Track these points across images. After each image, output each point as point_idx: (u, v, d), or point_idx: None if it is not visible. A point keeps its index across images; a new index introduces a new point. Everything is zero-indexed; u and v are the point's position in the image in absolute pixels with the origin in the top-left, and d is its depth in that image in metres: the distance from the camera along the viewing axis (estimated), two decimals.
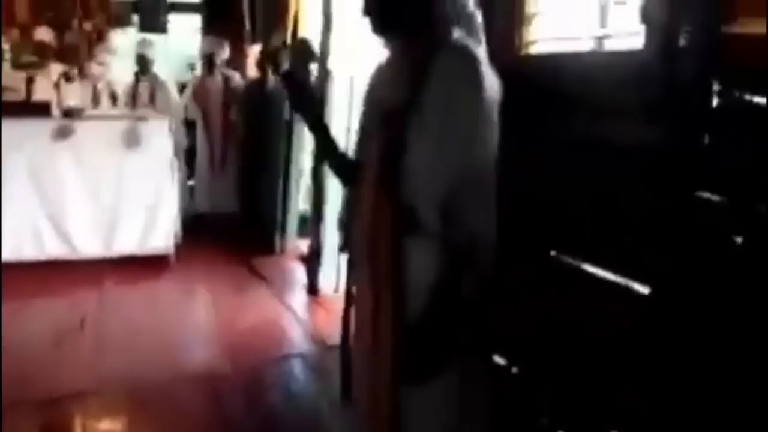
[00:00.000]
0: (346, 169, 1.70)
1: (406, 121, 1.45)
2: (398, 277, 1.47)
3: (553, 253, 1.92)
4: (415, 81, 1.46)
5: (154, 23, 6.48)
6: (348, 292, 1.70)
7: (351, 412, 1.71)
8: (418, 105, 1.44)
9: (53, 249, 4.45)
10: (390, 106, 1.51)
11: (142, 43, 5.63)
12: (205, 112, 5.61)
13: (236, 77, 5.73)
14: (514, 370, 2.20)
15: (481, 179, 1.44)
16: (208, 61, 5.60)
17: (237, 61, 5.99)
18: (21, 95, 5.09)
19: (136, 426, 2.80)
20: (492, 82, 1.45)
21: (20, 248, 4.34)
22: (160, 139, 4.60)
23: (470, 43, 1.49)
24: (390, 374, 1.48)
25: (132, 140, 4.46)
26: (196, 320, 3.96)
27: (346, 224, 1.77)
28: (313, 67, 3.95)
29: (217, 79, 5.62)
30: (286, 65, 3.97)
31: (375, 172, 1.53)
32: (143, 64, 5.46)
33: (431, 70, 1.44)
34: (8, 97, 5.02)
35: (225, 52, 5.64)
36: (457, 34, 1.49)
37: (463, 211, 1.42)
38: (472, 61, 1.44)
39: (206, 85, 5.63)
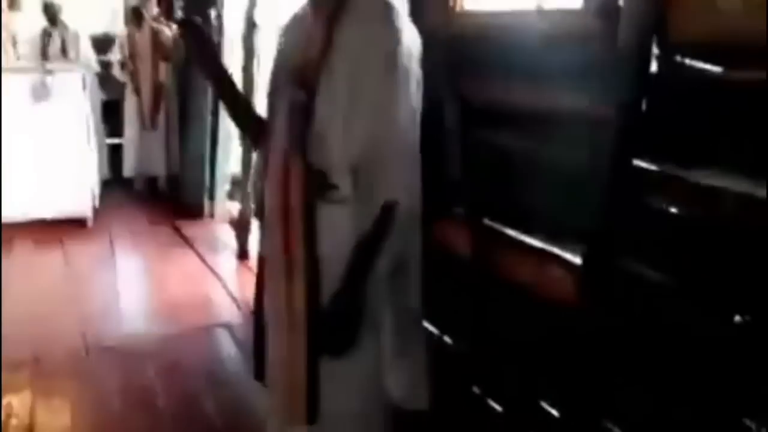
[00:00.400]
0: (254, 128, 1.57)
1: (315, 77, 1.34)
2: (311, 245, 1.38)
3: (485, 220, 1.85)
4: (326, 33, 1.34)
5: None
6: (261, 261, 1.58)
7: (267, 386, 1.61)
8: (327, 60, 1.32)
9: None
10: (299, 61, 1.39)
11: None
12: (133, 66, 5.24)
13: (166, 31, 5.35)
14: (447, 339, 2.16)
15: (396, 141, 1.33)
16: (136, 14, 5.21)
17: (161, 8, 5.59)
18: None
19: (43, 399, 2.61)
20: (411, 35, 1.33)
21: None
22: (73, 93, 4.25)
23: None
24: (304, 346, 1.40)
25: (41, 93, 4.10)
26: (114, 287, 3.71)
27: (258, 188, 1.63)
28: (213, 14, 3.74)
29: (146, 33, 5.24)
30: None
31: (284, 133, 1.41)
32: (51, 13, 5.01)
33: (342, 21, 1.32)
34: None
35: (154, 5, 5.26)
36: None
37: (376, 176, 1.32)
38: (387, 10, 1.31)
39: (134, 40, 5.24)
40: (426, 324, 1.89)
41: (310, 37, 1.38)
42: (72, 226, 4.41)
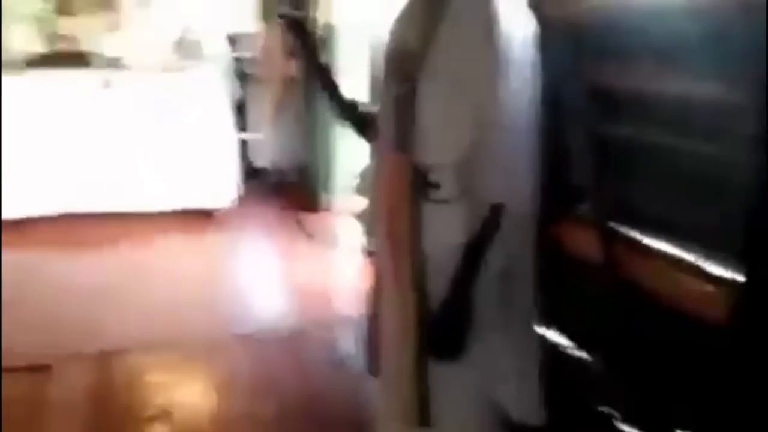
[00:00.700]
0: (361, 123, 1.54)
1: (417, 70, 1.28)
2: (416, 245, 1.33)
3: (614, 224, 1.67)
4: (429, 23, 1.28)
5: None
6: (374, 257, 1.57)
7: (379, 385, 1.59)
8: (429, 51, 1.26)
9: (110, 199, 4.47)
10: (404, 55, 1.35)
11: None
12: (264, 63, 5.45)
13: None
14: (569, 350, 2.01)
15: (503, 137, 1.24)
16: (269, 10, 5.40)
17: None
18: (74, 44, 5.09)
19: (182, 382, 2.79)
20: (521, 22, 1.24)
21: (79, 199, 4.39)
22: (209, 92, 4.51)
23: None
24: (414, 348, 1.36)
25: (176, 93, 4.39)
26: (243, 278, 3.91)
27: (363, 190, 1.61)
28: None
29: (277, 29, 5.42)
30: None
31: (390, 128, 1.37)
32: (191, 12, 5.32)
33: (444, 12, 1.25)
34: (63, 46, 5.05)
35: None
36: None
37: (481, 175, 1.25)
38: (488, 3, 1.21)
39: (265, 35, 5.45)
40: (545, 332, 1.77)
41: (414, 28, 1.32)
42: (209, 217, 4.66)
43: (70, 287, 3.59)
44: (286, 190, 5.42)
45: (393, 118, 1.36)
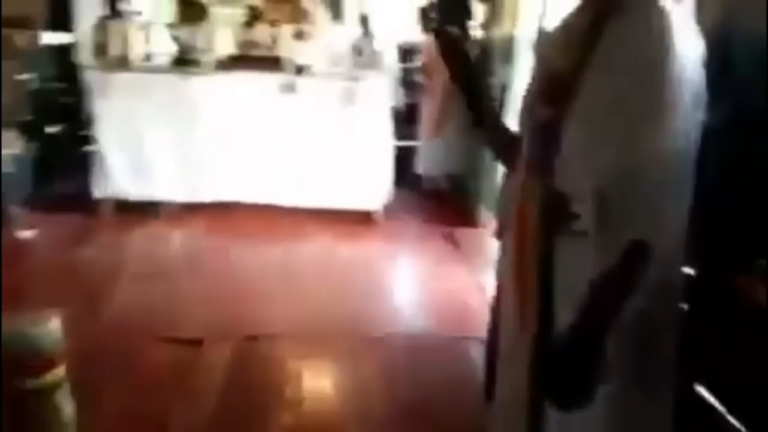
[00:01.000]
0: (505, 146, 1.48)
1: (566, 92, 1.19)
2: (545, 277, 1.25)
3: None
4: (583, 47, 1.19)
5: None
6: (498, 282, 1.50)
7: (493, 413, 1.53)
8: (581, 75, 1.16)
9: (275, 193, 4.82)
10: (551, 75, 1.27)
11: (363, 4, 5.75)
12: (429, 72, 5.55)
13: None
14: (722, 408, 1.77)
15: (655, 168, 1.10)
16: (426, 18, 5.48)
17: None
18: (268, 50, 5.58)
19: (315, 373, 2.92)
20: (689, 49, 1.10)
21: (247, 190, 4.78)
22: (375, 99, 4.67)
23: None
24: (528, 386, 1.28)
25: (347, 98, 4.60)
26: (388, 282, 3.99)
27: (501, 208, 1.54)
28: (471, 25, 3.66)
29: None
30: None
31: (531, 151, 1.31)
32: (365, 24, 5.57)
33: (603, 32, 1.16)
34: (257, 51, 5.55)
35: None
36: None
37: (625, 208, 1.12)
38: (658, 20, 1.10)
39: (430, 45, 5.55)
40: (690, 390, 1.59)
41: (566, 47, 1.24)
42: (362, 219, 4.83)
43: (232, 271, 3.91)
44: (440, 200, 5.44)
45: (536, 142, 1.30)
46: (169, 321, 3.21)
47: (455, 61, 1.46)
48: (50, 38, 6.11)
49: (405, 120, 5.80)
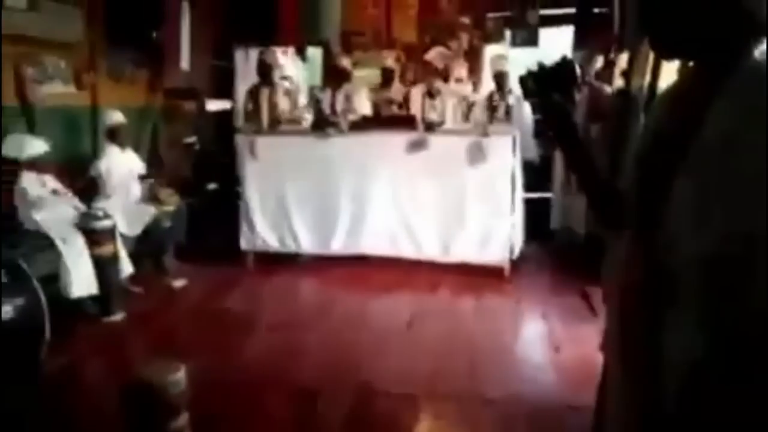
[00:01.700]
0: (611, 212, 1.39)
1: (674, 158, 1.11)
2: (648, 360, 1.14)
3: None
4: (693, 113, 1.11)
5: (525, 37, 6.55)
6: (605, 349, 1.40)
7: None
8: (691, 141, 1.09)
9: (403, 247, 4.91)
10: (660, 140, 1.20)
11: (496, 59, 5.74)
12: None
13: (606, 89, 5.35)
14: None
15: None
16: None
17: (605, 71, 5.62)
18: (401, 109, 5.77)
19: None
20: None
21: (377, 244, 4.92)
22: (503, 154, 4.63)
23: None
24: None
25: (475, 156, 4.61)
26: (512, 341, 3.84)
27: (604, 274, 1.44)
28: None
29: (584, 92, 5.36)
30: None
31: (633, 216, 1.22)
32: (499, 79, 5.57)
33: (715, 99, 1.08)
34: (391, 111, 5.77)
35: (596, 64, 5.35)
36: (761, 47, 1.08)
37: (739, 284, 1.00)
38: None
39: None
40: None
41: (679, 109, 1.18)
42: (490, 274, 4.75)
43: (358, 325, 4.00)
44: (576, 256, 5.18)
45: (641, 208, 1.22)
46: (291, 371, 3.34)
47: (560, 132, 1.42)
48: (213, 105, 6.85)
49: (540, 173, 5.66)
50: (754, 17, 1.08)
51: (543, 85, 1.43)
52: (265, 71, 5.64)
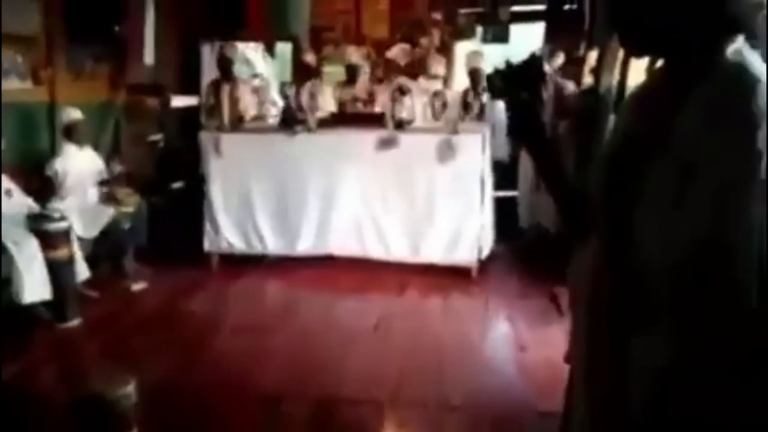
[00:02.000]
0: (578, 219, 1.35)
1: (643, 161, 1.07)
2: (615, 366, 1.12)
3: None
4: (663, 114, 1.06)
5: (496, 34, 6.50)
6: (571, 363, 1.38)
7: None
8: (662, 145, 1.05)
9: (372, 248, 4.83)
10: (629, 141, 1.16)
11: (472, 56, 5.68)
12: None
13: (569, 86, 5.33)
14: None
15: (740, 246, 0.96)
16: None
17: (574, 68, 5.59)
18: (369, 107, 5.68)
19: None
20: None
21: (344, 244, 4.83)
22: (472, 152, 4.57)
23: (753, 55, 1.04)
24: None
25: (445, 154, 4.54)
26: (478, 344, 3.78)
27: (570, 279, 1.40)
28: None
29: (549, 88, 5.32)
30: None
31: (600, 221, 1.19)
32: (475, 76, 5.50)
33: (685, 100, 1.04)
34: (354, 108, 5.68)
35: (557, 60, 5.30)
36: (734, 45, 1.04)
37: (707, 292, 0.98)
38: (748, 89, 0.98)
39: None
40: None
41: (650, 110, 1.13)
42: (458, 274, 4.69)
43: (322, 328, 3.92)
44: (545, 255, 5.15)
45: (608, 212, 1.16)
46: (253, 377, 3.24)
47: (527, 133, 1.39)
48: (179, 101, 6.68)
49: (509, 171, 5.62)
50: (727, 13, 1.04)
51: (511, 83, 1.39)
52: (225, 65, 5.53)
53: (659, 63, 1.18)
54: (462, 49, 6.69)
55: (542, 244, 5.30)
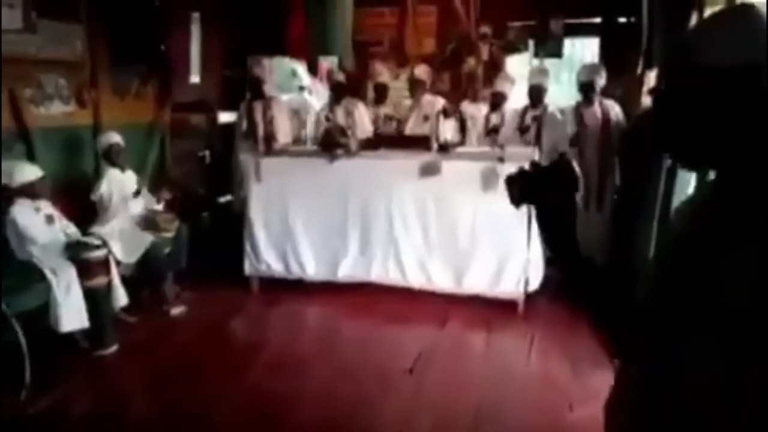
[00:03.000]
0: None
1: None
2: None
3: None
4: (726, 234, 0.95)
5: (549, 48, 6.21)
6: None
7: None
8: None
9: (412, 276, 4.67)
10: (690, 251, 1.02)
11: (536, 73, 5.41)
12: (581, 145, 5.05)
13: (615, 108, 5.00)
14: None
15: None
16: (586, 89, 5.00)
17: (631, 88, 5.26)
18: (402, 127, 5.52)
19: None
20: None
21: (385, 272, 4.69)
22: None
23: None
24: None
25: (490, 182, 4.33)
26: (521, 392, 3.55)
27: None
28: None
29: (595, 109, 5.00)
30: None
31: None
32: (536, 94, 5.24)
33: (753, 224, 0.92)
34: (388, 127, 5.52)
35: (601, 79, 4.96)
36: None
37: None
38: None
39: (583, 116, 5.06)
40: None
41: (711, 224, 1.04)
42: (503, 308, 4.47)
43: (356, 363, 3.78)
44: (596, 288, 4.87)
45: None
46: (284, 420, 3.15)
47: (557, 245, 1.22)
48: (226, 117, 6.68)
49: None
50: None
51: (537, 188, 1.23)
52: (256, 84, 5.46)
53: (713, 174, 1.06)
54: (513, 64, 6.45)
55: (593, 274, 5.03)
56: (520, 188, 1.24)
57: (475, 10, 6.29)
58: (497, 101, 5.56)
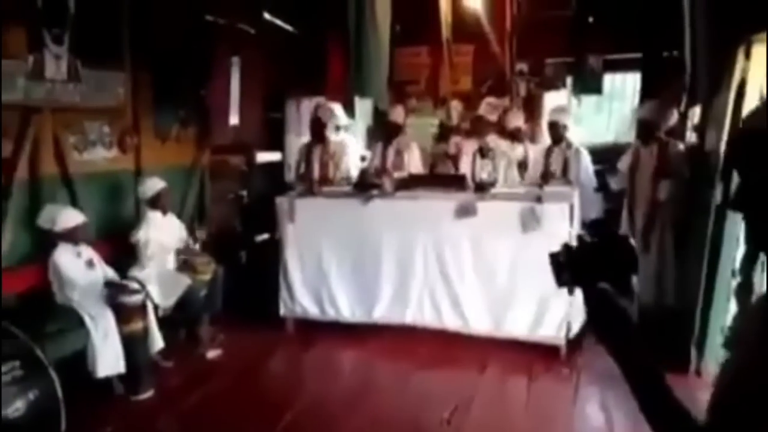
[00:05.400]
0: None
1: None
2: None
3: None
4: None
5: (587, 84, 6.11)
6: None
7: None
8: None
9: (449, 320, 4.56)
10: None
11: (556, 110, 5.33)
12: (633, 185, 4.89)
13: (678, 147, 4.79)
14: None
15: None
16: (645, 128, 4.81)
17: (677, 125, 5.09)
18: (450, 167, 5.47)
19: None
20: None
21: (421, 315, 4.59)
22: (559, 222, 4.20)
23: None
24: None
25: (529, 223, 4.22)
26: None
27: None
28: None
29: (653, 148, 4.80)
30: None
31: None
32: (554, 132, 5.15)
33: None
34: (444, 166, 5.48)
35: (670, 119, 4.77)
36: None
37: None
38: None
39: (640, 155, 4.89)
40: None
41: None
42: (545, 352, 4.32)
43: (391, 412, 3.68)
44: (646, 333, 4.65)
45: None
46: None
47: (609, 336, 1.10)
48: (264, 157, 6.77)
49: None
50: None
51: (584, 268, 1.09)
52: (318, 129, 5.47)
53: None
54: (551, 100, 6.38)
55: (645, 324, 4.81)
56: (568, 269, 1.11)
57: (513, 48, 6.26)
58: (516, 136, 5.51)
